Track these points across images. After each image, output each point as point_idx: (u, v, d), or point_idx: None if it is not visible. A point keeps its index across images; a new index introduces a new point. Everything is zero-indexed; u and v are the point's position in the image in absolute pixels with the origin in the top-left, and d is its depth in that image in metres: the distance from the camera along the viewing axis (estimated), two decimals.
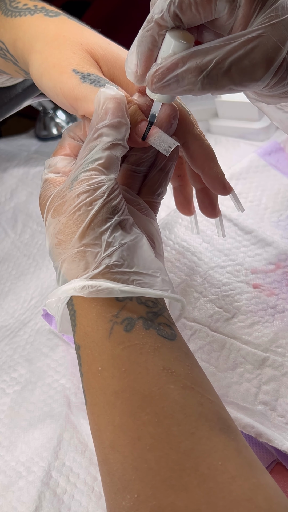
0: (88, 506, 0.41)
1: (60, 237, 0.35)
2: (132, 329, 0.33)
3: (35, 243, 0.69)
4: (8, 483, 0.43)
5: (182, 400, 0.30)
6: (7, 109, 0.65)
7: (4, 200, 0.78)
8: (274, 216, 0.58)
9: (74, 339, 0.35)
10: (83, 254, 0.34)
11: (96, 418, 0.32)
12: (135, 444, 0.29)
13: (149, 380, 0.31)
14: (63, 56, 0.39)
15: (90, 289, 0.33)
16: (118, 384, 0.31)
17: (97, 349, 0.33)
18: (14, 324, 0.59)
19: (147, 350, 0.32)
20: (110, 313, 0.34)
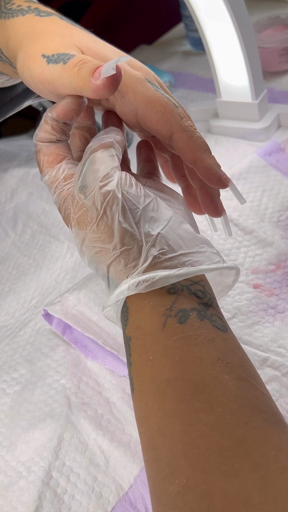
0: (89, 506, 0.41)
1: (98, 244, 0.35)
2: (187, 320, 0.33)
3: (35, 243, 0.69)
4: (9, 483, 0.43)
5: (236, 391, 0.30)
6: (7, 110, 0.65)
7: (4, 200, 0.78)
8: (274, 216, 0.58)
9: (124, 332, 0.35)
10: (127, 254, 0.34)
11: (144, 405, 0.32)
12: (185, 430, 0.29)
13: (203, 370, 0.31)
14: (40, 45, 0.39)
15: (145, 284, 0.33)
16: (170, 372, 0.31)
17: (150, 340, 0.33)
18: (15, 324, 0.59)
19: (201, 340, 0.32)
20: (164, 307, 0.33)
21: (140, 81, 0.39)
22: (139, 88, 0.38)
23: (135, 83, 0.39)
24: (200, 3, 0.65)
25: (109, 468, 0.43)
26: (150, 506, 0.40)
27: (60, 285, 0.62)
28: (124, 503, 0.41)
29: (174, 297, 0.34)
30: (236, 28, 0.64)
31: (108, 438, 0.45)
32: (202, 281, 0.35)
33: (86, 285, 0.53)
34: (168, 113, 0.39)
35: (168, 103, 0.39)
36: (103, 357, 0.51)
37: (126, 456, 0.43)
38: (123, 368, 0.49)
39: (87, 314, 0.51)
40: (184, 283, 0.34)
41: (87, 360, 0.51)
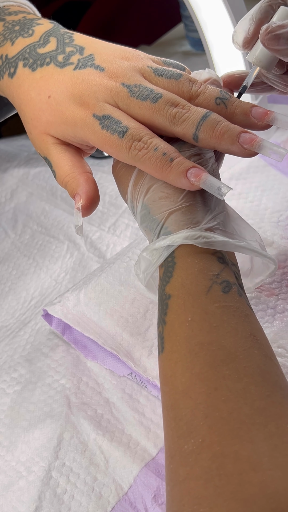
0: (88, 506, 0.41)
1: (169, 191, 0.36)
2: (229, 291, 0.34)
3: (35, 244, 0.69)
4: (8, 483, 0.43)
5: (263, 366, 0.31)
6: (7, 110, 0.65)
7: (4, 201, 0.78)
8: (274, 216, 0.58)
9: (164, 289, 0.35)
10: (194, 209, 0.35)
11: (173, 365, 0.32)
12: (210, 394, 0.30)
13: (237, 340, 0.32)
14: (29, 135, 0.42)
15: (205, 239, 0.34)
16: (206, 336, 0.32)
17: (191, 301, 0.33)
18: (15, 324, 0.59)
19: (239, 314, 0.33)
20: (211, 271, 0.34)
21: (86, 126, 0.38)
22: (90, 137, 0.38)
23: (86, 132, 0.38)
24: (200, 3, 0.65)
25: (109, 468, 0.43)
26: (149, 506, 0.40)
27: (60, 285, 0.62)
28: (123, 503, 0.41)
29: (222, 266, 0.35)
30: None
31: (108, 438, 0.45)
32: (238, 266, 0.37)
33: (86, 285, 0.53)
34: (119, 150, 0.37)
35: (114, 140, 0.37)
36: (103, 357, 0.51)
37: (126, 456, 0.43)
38: (123, 368, 0.49)
39: (87, 314, 0.52)
40: (228, 260, 0.36)
41: (87, 360, 0.51)
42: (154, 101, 0.37)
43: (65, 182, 0.40)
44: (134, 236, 0.65)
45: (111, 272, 0.54)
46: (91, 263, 0.63)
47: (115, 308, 0.51)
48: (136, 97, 0.37)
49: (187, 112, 0.36)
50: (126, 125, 0.36)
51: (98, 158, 0.79)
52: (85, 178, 0.39)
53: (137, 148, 0.36)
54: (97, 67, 0.39)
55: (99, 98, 0.38)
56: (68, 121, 0.39)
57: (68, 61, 0.40)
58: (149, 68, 0.39)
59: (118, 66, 0.39)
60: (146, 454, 0.43)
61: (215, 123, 0.36)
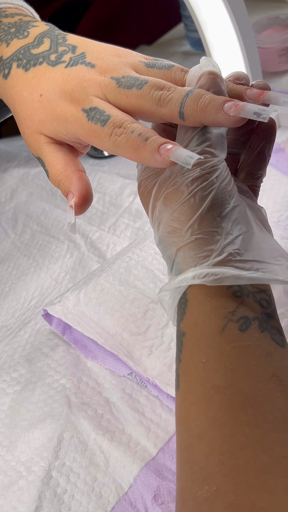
0: (88, 506, 0.41)
1: (175, 225, 0.34)
2: (247, 329, 0.31)
3: (35, 243, 0.69)
4: (8, 483, 0.43)
5: (286, 410, 0.29)
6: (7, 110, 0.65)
7: (4, 201, 0.78)
8: (274, 216, 0.58)
9: (179, 325, 0.34)
10: (201, 242, 0.33)
11: (188, 405, 0.31)
12: (226, 440, 0.29)
13: (256, 384, 0.30)
14: (22, 135, 0.42)
15: (214, 277, 0.31)
16: (221, 379, 0.30)
17: (205, 341, 0.32)
18: (15, 324, 0.59)
19: (259, 353, 0.31)
20: (226, 309, 0.32)
21: (76, 121, 0.37)
22: (79, 131, 0.37)
23: (76, 127, 0.37)
24: (200, 3, 0.65)
25: (109, 468, 0.43)
26: (149, 506, 0.40)
27: (60, 285, 0.62)
28: (124, 503, 0.41)
29: (239, 301, 0.32)
30: (236, 28, 0.64)
31: (108, 438, 0.45)
32: (268, 291, 0.34)
33: (86, 285, 0.53)
34: (101, 139, 0.36)
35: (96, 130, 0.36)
36: (103, 357, 0.51)
37: (126, 456, 0.43)
38: (123, 368, 0.49)
39: (87, 314, 0.52)
40: (250, 289, 0.33)
41: (87, 360, 0.51)
42: (139, 87, 0.36)
43: (58, 181, 0.39)
44: (134, 236, 0.65)
45: (111, 272, 0.54)
46: (91, 263, 0.63)
47: (115, 308, 0.51)
48: (123, 87, 0.36)
49: (172, 93, 0.35)
50: (109, 114, 0.36)
51: (98, 158, 0.79)
52: (78, 176, 0.39)
53: (117, 134, 0.35)
54: (88, 64, 0.38)
55: (89, 92, 0.37)
56: (59, 118, 0.38)
57: (60, 59, 0.39)
58: (140, 63, 0.39)
59: (108, 62, 0.38)
60: (146, 454, 0.43)
61: (199, 97, 0.34)
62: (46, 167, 0.40)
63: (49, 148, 0.40)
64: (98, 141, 0.36)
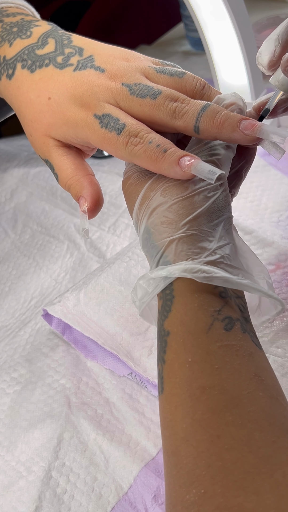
0: (88, 506, 0.41)
1: (171, 216, 0.34)
2: (232, 329, 0.32)
3: (35, 243, 0.69)
4: (8, 483, 0.43)
5: (268, 409, 0.30)
6: (7, 110, 0.65)
7: (4, 201, 0.78)
8: (274, 216, 0.58)
9: (162, 324, 0.34)
10: (196, 239, 0.33)
11: (173, 409, 0.31)
12: (213, 441, 0.29)
13: (241, 383, 0.30)
14: (28, 138, 0.41)
15: (204, 274, 0.32)
16: (208, 379, 0.30)
17: (191, 340, 0.32)
18: (14, 324, 0.59)
19: (242, 353, 0.32)
20: (213, 307, 0.32)
21: (87, 126, 0.37)
22: (91, 137, 0.38)
23: (87, 132, 0.38)
24: (200, 3, 0.65)
25: (109, 468, 0.43)
26: (149, 506, 0.40)
27: (60, 285, 0.62)
28: (123, 503, 0.41)
29: (224, 301, 0.33)
30: (236, 28, 0.64)
31: (108, 438, 0.45)
32: (244, 298, 0.35)
33: (86, 285, 0.53)
34: (117, 147, 0.37)
35: (111, 137, 0.36)
36: (103, 357, 0.51)
37: (125, 456, 0.43)
38: (123, 368, 0.49)
39: (87, 314, 0.51)
40: (232, 293, 0.34)
41: (87, 360, 0.51)
42: (153, 97, 0.36)
43: (68, 185, 0.40)
44: (134, 236, 0.65)
45: (111, 272, 0.54)
46: (91, 263, 0.63)
47: (115, 308, 0.51)
48: (136, 95, 0.37)
49: (186, 106, 0.36)
50: (123, 122, 0.36)
51: (98, 158, 0.78)
52: (89, 180, 0.39)
53: (134, 143, 0.35)
54: (97, 68, 0.39)
55: (100, 98, 0.37)
56: (70, 122, 0.38)
57: (68, 62, 0.40)
58: (150, 68, 0.39)
59: (118, 67, 0.39)
60: (146, 454, 0.43)
61: (215, 112, 0.35)
62: (55, 171, 0.40)
63: (57, 151, 0.40)
64: (112, 148, 0.37)
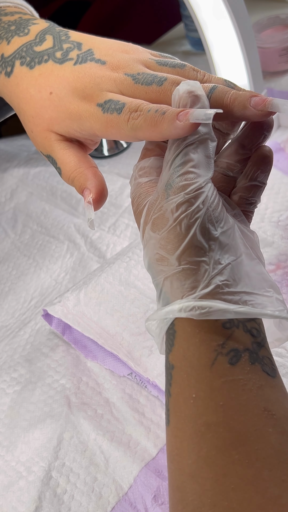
0: (88, 506, 0.41)
1: (162, 253, 0.33)
2: (238, 362, 0.31)
3: (35, 243, 0.69)
4: (8, 483, 0.43)
5: (278, 446, 0.29)
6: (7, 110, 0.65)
7: (4, 201, 0.78)
8: (275, 216, 0.58)
9: (168, 357, 0.33)
10: (188, 273, 0.32)
11: (179, 443, 0.31)
12: (218, 480, 0.28)
13: (247, 420, 0.30)
14: (29, 135, 0.41)
15: (200, 311, 0.31)
16: (213, 416, 0.30)
17: (195, 375, 0.31)
18: (14, 324, 0.59)
19: (249, 387, 0.30)
20: (216, 341, 0.31)
21: (91, 116, 0.37)
22: (95, 126, 0.37)
23: (91, 122, 0.37)
24: (200, 3, 0.65)
25: (109, 468, 0.43)
26: (149, 506, 0.40)
27: (60, 285, 0.62)
28: (123, 503, 0.41)
29: (229, 332, 0.31)
30: (236, 28, 0.63)
31: (108, 438, 0.45)
32: (259, 319, 0.33)
33: (86, 285, 0.53)
34: (119, 127, 0.35)
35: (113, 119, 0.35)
36: (103, 357, 0.51)
37: (126, 456, 0.43)
38: (123, 368, 0.49)
39: (87, 314, 0.51)
40: (241, 319, 0.32)
41: (87, 360, 0.51)
42: (159, 84, 0.35)
43: (72, 178, 0.39)
44: (134, 236, 0.65)
45: (111, 272, 0.54)
46: (91, 263, 0.63)
47: (115, 308, 0.51)
48: (141, 83, 0.36)
49: None
50: (123, 102, 0.35)
51: (98, 158, 0.78)
52: (93, 172, 0.39)
53: (134, 117, 0.34)
54: (98, 60, 0.38)
55: (103, 88, 0.37)
56: (73, 115, 0.38)
57: (67, 57, 0.39)
58: (151, 60, 0.38)
59: (119, 59, 0.38)
60: (146, 454, 0.43)
61: (224, 92, 0.33)
62: (58, 165, 0.40)
63: (60, 145, 0.40)
64: (116, 130, 0.36)
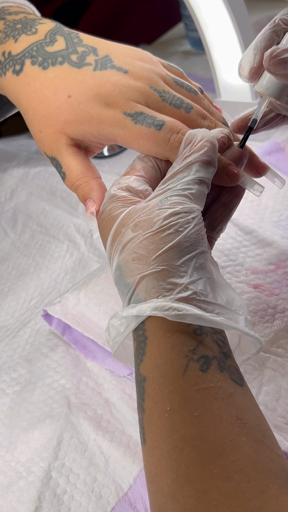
0: (88, 507, 0.41)
1: (142, 252, 0.33)
2: (208, 369, 0.31)
3: (35, 243, 0.69)
4: (8, 484, 0.43)
5: (253, 455, 0.29)
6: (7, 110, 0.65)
7: (4, 200, 0.78)
8: (274, 216, 0.58)
9: (138, 368, 0.33)
10: (167, 275, 0.32)
11: (157, 462, 0.30)
12: (200, 498, 0.28)
13: (222, 430, 0.29)
14: (36, 135, 0.42)
15: (176, 312, 0.31)
16: (188, 429, 0.30)
17: (168, 386, 0.31)
18: (14, 324, 0.59)
19: (221, 395, 0.31)
20: (187, 347, 0.31)
21: (116, 123, 0.38)
22: (120, 132, 0.38)
23: (115, 129, 0.38)
24: (200, 3, 0.65)
25: (109, 468, 0.43)
26: (149, 506, 0.40)
27: (60, 285, 0.62)
28: (123, 504, 0.41)
29: (199, 339, 0.32)
30: (236, 28, 0.64)
31: (107, 438, 0.44)
32: (223, 333, 0.34)
33: (86, 285, 0.53)
34: (156, 142, 0.38)
35: (149, 133, 0.38)
36: (103, 357, 0.50)
37: (125, 456, 0.43)
38: (123, 369, 0.49)
39: (87, 314, 0.51)
40: (208, 329, 0.33)
41: (87, 360, 0.51)
42: (187, 111, 0.39)
43: (76, 186, 0.40)
44: None
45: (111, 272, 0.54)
46: (91, 263, 0.63)
47: (115, 308, 0.51)
48: (168, 103, 0.39)
49: (214, 126, 0.40)
50: (162, 119, 0.38)
51: (98, 158, 0.78)
52: (98, 183, 0.40)
53: (177, 140, 0.37)
54: (119, 68, 0.39)
55: (129, 97, 0.38)
56: (93, 120, 0.39)
57: (84, 61, 0.40)
58: (168, 76, 0.41)
59: (140, 69, 0.40)
60: None
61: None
62: (63, 170, 0.40)
63: (68, 150, 0.40)
64: (148, 143, 0.38)
